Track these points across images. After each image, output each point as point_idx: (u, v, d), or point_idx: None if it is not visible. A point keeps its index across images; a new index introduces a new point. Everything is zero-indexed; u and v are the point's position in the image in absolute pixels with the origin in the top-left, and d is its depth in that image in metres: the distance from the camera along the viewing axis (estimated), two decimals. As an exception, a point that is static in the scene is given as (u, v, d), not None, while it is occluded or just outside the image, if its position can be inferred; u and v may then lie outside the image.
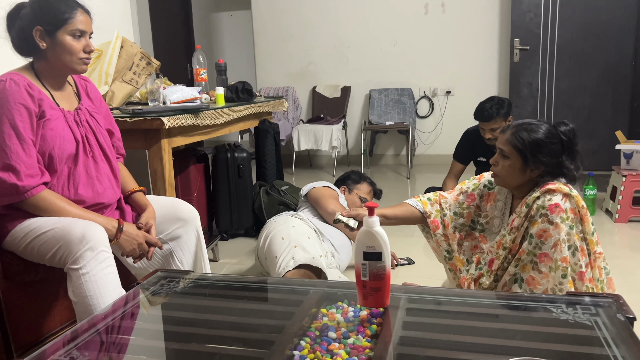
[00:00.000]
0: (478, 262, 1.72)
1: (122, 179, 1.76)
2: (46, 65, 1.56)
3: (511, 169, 1.57)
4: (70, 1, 1.54)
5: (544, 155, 1.53)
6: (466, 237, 1.79)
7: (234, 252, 2.96)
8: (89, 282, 1.38)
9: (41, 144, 1.50)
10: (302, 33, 5.61)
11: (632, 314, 1.05)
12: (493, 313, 1.22)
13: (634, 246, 2.88)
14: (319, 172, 5.41)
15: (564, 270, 1.47)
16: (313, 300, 1.25)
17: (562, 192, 1.49)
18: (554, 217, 1.46)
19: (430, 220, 1.80)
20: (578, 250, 1.49)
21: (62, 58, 1.53)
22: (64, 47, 1.51)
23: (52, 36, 1.50)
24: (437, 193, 1.86)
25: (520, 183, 1.60)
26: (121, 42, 2.46)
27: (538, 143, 1.53)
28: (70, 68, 1.55)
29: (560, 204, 1.47)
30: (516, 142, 1.55)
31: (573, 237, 1.48)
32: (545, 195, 1.50)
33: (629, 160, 3.25)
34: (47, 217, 1.48)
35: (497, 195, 1.74)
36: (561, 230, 1.46)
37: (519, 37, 4.73)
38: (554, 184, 1.52)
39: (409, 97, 5.30)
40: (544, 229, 1.48)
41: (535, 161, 1.54)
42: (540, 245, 1.49)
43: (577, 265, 1.49)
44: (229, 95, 2.90)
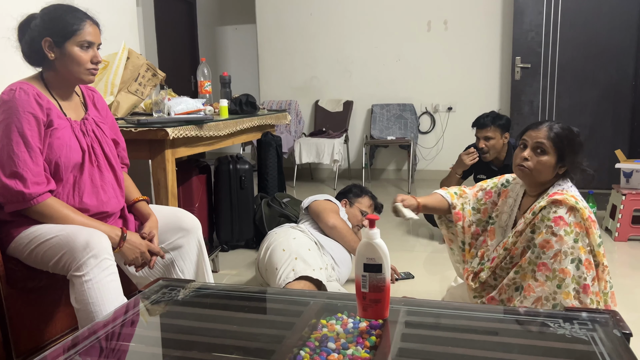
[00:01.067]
0: (482, 257, 1.79)
1: (126, 188, 1.78)
2: (55, 76, 1.58)
3: (547, 165, 1.62)
4: (79, 13, 1.57)
5: (575, 153, 1.61)
6: (482, 232, 1.88)
7: (235, 263, 2.96)
8: (92, 289, 1.39)
9: (48, 152, 1.52)
10: (306, 48, 5.68)
11: (628, 329, 1.06)
12: (491, 327, 1.23)
13: (633, 265, 2.89)
14: (320, 185, 5.43)
15: (560, 280, 1.50)
16: (313, 311, 1.27)
17: (568, 205, 1.52)
18: (557, 229, 1.51)
19: (455, 211, 1.89)
20: (582, 264, 1.51)
21: (70, 69, 1.55)
22: (72, 58, 1.54)
23: (61, 47, 1.53)
24: (461, 188, 1.96)
25: (547, 179, 1.65)
26: (127, 53, 2.49)
27: (572, 140, 1.61)
28: (78, 78, 1.58)
29: (564, 218, 1.51)
30: (557, 139, 1.60)
31: (578, 250, 1.51)
32: (552, 206, 1.54)
33: (629, 179, 3.27)
34: (52, 224, 1.50)
35: (510, 192, 1.82)
36: (564, 242, 1.50)
37: (521, 55, 4.78)
38: (562, 193, 1.55)
39: (410, 112, 5.34)
40: (547, 240, 1.52)
41: (569, 159, 1.60)
42: (541, 255, 1.53)
43: (581, 278, 1.51)
44: (233, 108, 2.93)
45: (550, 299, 1.52)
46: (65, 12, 1.55)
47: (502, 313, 1.30)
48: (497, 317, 1.27)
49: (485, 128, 2.96)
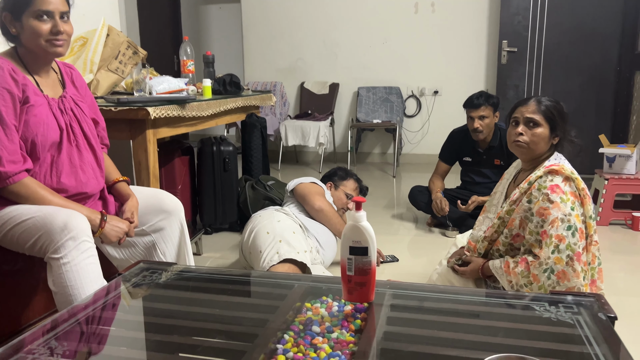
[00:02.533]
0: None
1: (105, 169, 1.73)
2: (25, 51, 1.52)
3: (542, 136, 1.68)
4: None
5: (565, 123, 1.68)
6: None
7: (218, 246, 2.94)
8: (70, 272, 1.35)
9: (24, 130, 1.47)
10: (292, 29, 5.59)
11: (613, 313, 1.06)
12: (477, 310, 1.22)
13: (614, 249, 2.92)
14: (305, 168, 5.40)
15: (555, 246, 1.54)
16: (297, 295, 1.25)
17: (564, 175, 1.57)
18: (554, 196, 1.55)
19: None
20: (578, 231, 1.54)
21: (32, 42, 1.48)
22: (30, 31, 1.47)
23: (19, 20, 1.47)
24: None
25: (543, 151, 1.70)
26: (107, 30, 2.42)
27: (560, 111, 1.68)
28: (44, 51, 1.50)
29: (560, 186, 1.56)
30: (546, 111, 1.67)
31: (574, 218, 1.54)
32: (548, 175, 1.59)
33: (612, 164, 3.30)
34: (29, 205, 1.45)
35: (505, 174, 1.89)
36: (560, 209, 1.54)
37: (507, 39, 4.76)
38: (558, 165, 1.60)
39: (396, 95, 5.31)
40: (544, 207, 1.56)
41: (561, 129, 1.67)
42: (542, 224, 1.57)
43: (576, 246, 1.54)
44: (216, 88, 2.88)
45: (544, 264, 1.55)
46: None
47: (488, 296, 1.30)
48: (483, 301, 1.27)
49: (479, 107, 2.96)
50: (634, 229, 3.17)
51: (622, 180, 3.24)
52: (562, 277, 1.54)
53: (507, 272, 1.62)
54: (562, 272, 1.54)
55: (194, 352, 1.02)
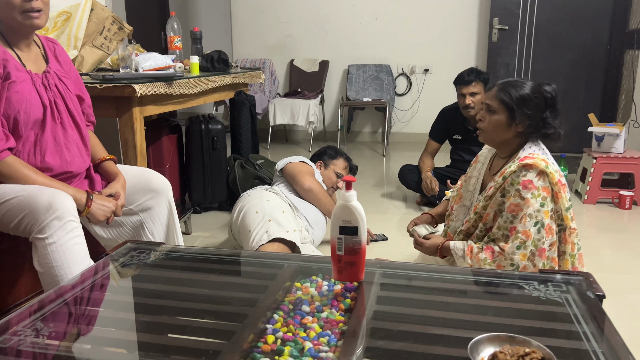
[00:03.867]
0: (449, 223, 1.82)
1: (92, 147, 1.70)
2: (3, 25, 1.47)
3: (498, 123, 1.61)
4: None
5: (529, 109, 1.57)
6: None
7: (207, 225, 2.92)
8: (56, 252, 1.33)
9: (6, 107, 1.42)
10: (281, 4, 5.49)
11: (601, 291, 1.07)
12: (466, 289, 1.23)
13: (600, 227, 2.96)
14: (295, 147, 5.37)
15: (522, 242, 1.53)
16: (287, 274, 1.24)
17: (538, 169, 1.53)
18: (525, 192, 1.51)
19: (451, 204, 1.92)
20: (544, 228, 1.53)
21: (7, 15, 1.43)
22: (4, 3, 1.41)
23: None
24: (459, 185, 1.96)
25: (506, 139, 1.63)
26: (91, 4, 2.35)
27: (524, 97, 1.57)
28: (20, 24, 1.45)
29: (533, 182, 1.52)
30: (503, 97, 1.59)
31: (542, 214, 1.52)
32: (522, 170, 1.54)
33: (600, 143, 3.31)
34: (12, 185, 1.42)
35: (480, 157, 1.83)
36: (530, 205, 1.51)
37: (499, 16, 4.73)
38: (533, 157, 1.55)
39: (387, 74, 5.27)
40: (516, 203, 1.53)
41: (521, 115, 1.57)
42: (512, 220, 1.55)
43: (540, 242, 1.53)
44: (204, 65, 2.82)
45: (508, 259, 1.54)
46: None
47: (478, 275, 1.30)
48: (472, 279, 1.27)
49: (470, 84, 2.95)
50: (621, 207, 3.21)
51: (610, 159, 3.26)
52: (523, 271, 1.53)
53: (470, 255, 1.60)
54: (523, 267, 1.54)
55: (183, 333, 1.02)
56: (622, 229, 2.93)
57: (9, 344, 0.93)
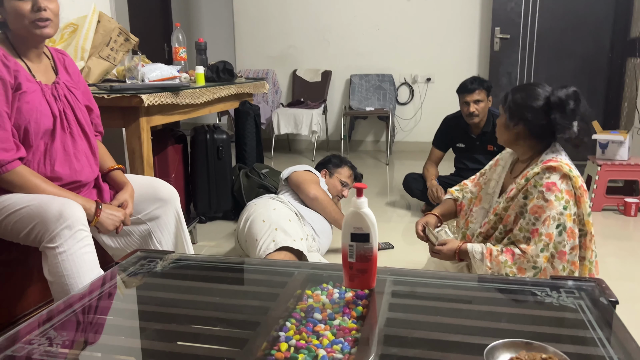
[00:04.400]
0: (467, 225, 1.82)
1: (100, 157, 1.70)
2: (14, 36, 1.49)
3: (499, 124, 1.69)
4: None
5: (522, 112, 1.60)
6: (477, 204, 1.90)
7: (212, 235, 2.92)
8: (66, 261, 1.33)
9: (17, 117, 1.43)
10: (283, 15, 5.53)
11: (614, 297, 1.06)
12: (478, 296, 1.22)
13: (606, 234, 2.95)
14: (298, 156, 5.38)
15: (545, 244, 1.53)
16: (298, 282, 1.24)
17: (562, 172, 1.53)
18: (549, 194, 1.52)
19: (458, 203, 1.95)
20: (566, 231, 1.53)
21: (17, 25, 1.45)
22: (14, 13, 1.43)
23: (2, 5, 1.44)
24: (461, 184, 1.99)
25: (508, 139, 1.68)
26: (98, 16, 2.37)
27: (518, 101, 1.62)
28: (30, 34, 1.46)
29: (557, 184, 1.52)
30: (504, 99, 1.67)
31: (564, 217, 1.52)
32: (545, 172, 1.54)
33: (604, 150, 3.31)
34: (23, 194, 1.43)
35: (500, 160, 1.85)
36: (553, 207, 1.51)
37: (500, 26, 4.75)
38: (556, 160, 1.55)
39: (389, 83, 5.29)
40: (539, 205, 1.53)
41: (516, 117, 1.62)
42: (534, 222, 1.54)
43: (560, 244, 1.53)
44: (210, 75, 2.84)
45: (532, 262, 1.53)
46: None
47: (490, 282, 1.30)
48: (485, 286, 1.27)
49: (474, 92, 2.97)
50: (626, 215, 3.20)
51: (615, 166, 3.26)
52: (542, 274, 1.54)
53: (489, 258, 1.60)
54: (543, 270, 1.54)
55: (194, 341, 1.01)
56: (628, 237, 2.92)
57: (23, 353, 0.93)
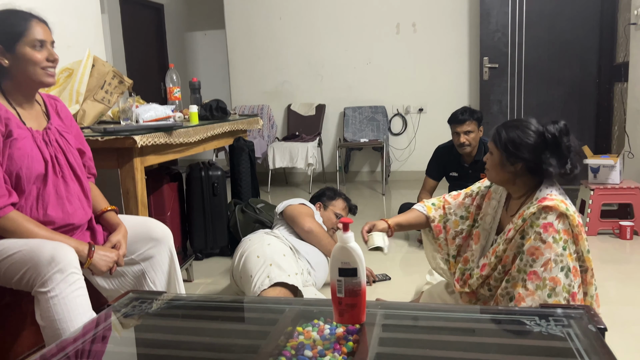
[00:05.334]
0: (466, 262, 1.76)
1: (93, 199, 1.72)
2: (12, 83, 1.53)
3: (493, 164, 1.64)
4: (22, 13, 1.52)
5: (520, 151, 1.56)
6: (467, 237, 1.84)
7: (209, 271, 2.91)
8: (58, 305, 1.34)
9: (8, 164, 1.46)
10: (276, 52, 5.65)
11: (602, 324, 1.07)
12: (468, 327, 1.22)
13: (603, 258, 2.95)
14: (295, 189, 5.41)
15: (551, 289, 1.47)
16: (288, 319, 1.24)
17: (559, 211, 1.49)
18: (546, 236, 1.47)
19: (434, 225, 1.87)
20: (571, 271, 1.48)
21: (27, 71, 1.50)
22: (27, 60, 1.49)
23: (12, 51, 1.48)
24: (441, 198, 1.92)
25: (505, 179, 1.64)
26: (93, 60, 2.43)
27: (514, 139, 1.58)
28: (37, 81, 1.53)
29: (554, 224, 1.48)
30: (497, 137, 1.62)
31: (566, 258, 1.48)
32: (542, 212, 1.50)
33: (596, 174, 3.34)
34: (15, 239, 1.44)
35: (493, 193, 1.79)
36: (552, 249, 1.47)
37: (488, 55, 4.85)
38: (552, 199, 1.51)
39: (382, 114, 5.37)
40: (536, 246, 1.49)
41: (513, 156, 1.58)
42: (532, 263, 1.50)
43: (570, 287, 1.48)
44: (203, 114, 2.89)
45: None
46: (7, 15, 1.50)
47: (479, 312, 1.30)
48: (474, 317, 1.27)
49: (464, 123, 3.01)
50: (622, 238, 3.20)
51: (608, 190, 3.28)
52: None
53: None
54: None
55: (185, 382, 1.01)
56: (625, 260, 2.92)
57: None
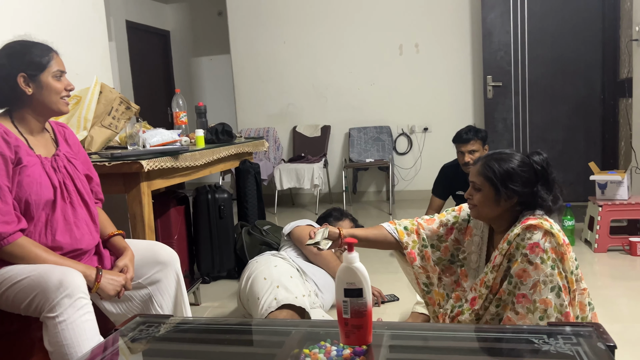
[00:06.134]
0: (458, 299, 1.66)
1: (100, 224, 1.74)
2: (28, 111, 1.57)
3: (485, 200, 1.54)
4: (43, 45, 1.60)
5: (516, 184, 1.49)
6: (444, 272, 1.73)
7: (216, 295, 2.91)
8: (66, 330, 1.34)
9: (17, 190, 1.48)
10: (281, 75, 5.72)
11: (612, 342, 1.06)
12: (476, 346, 1.22)
13: (614, 275, 2.91)
14: (301, 210, 5.41)
15: (542, 312, 1.42)
16: (295, 341, 1.24)
17: (543, 229, 1.44)
18: (533, 257, 1.42)
19: (408, 251, 1.72)
20: (562, 290, 1.43)
21: (48, 100, 1.57)
22: (50, 89, 1.57)
23: (36, 80, 1.55)
24: (414, 222, 1.77)
25: (497, 215, 1.56)
26: (100, 87, 2.48)
27: (509, 172, 1.50)
28: (55, 109, 1.60)
29: (540, 244, 1.43)
30: (487, 173, 1.52)
31: (556, 278, 1.43)
32: (526, 232, 1.45)
33: (604, 191, 3.33)
34: (24, 265, 1.45)
35: (474, 229, 1.68)
36: (541, 271, 1.42)
37: (492, 74, 4.88)
38: (536, 218, 1.47)
39: (387, 134, 5.39)
40: (524, 268, 1.43)
41: (508, 191, 1.50)
42: (520, 286, 1.44)
43: (562, 306, 1.43)
44: (209, 137, 2.92)
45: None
46: (30, 46, 1.57)
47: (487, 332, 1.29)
48: (482, 336, 1.26)
49: (469, 142, 3.02)
50: (632, 254, 3.17)
51: (616, 206, 3.26)
52: None
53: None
54: None
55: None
56: (636, 277, 2.88)
57: None
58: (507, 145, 4.94)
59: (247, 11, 5.74)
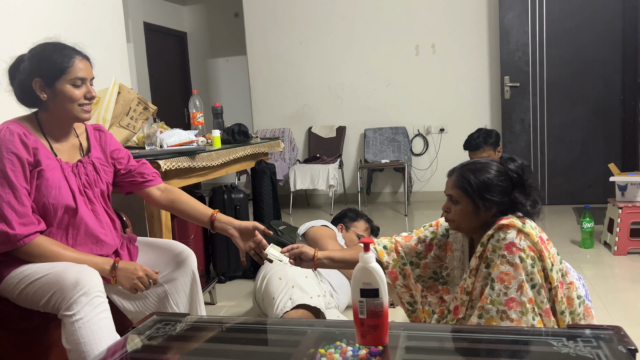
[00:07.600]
0: (442, 314, 1.61)
1: (194, 209, 1.82)
2: (49, 116, 1.56)
3: (463, 213, 1.50)
4: (67, 50, 1.54)
5: (494, 195, 1.46)
6: (428, 290, 1.67)
7: (232, 294, 2.92)
8: (83, 328, 1.35)
9: (36, 193, 1.49)
10: (297, 76, 5.73)
11: (633, 345, 1.04)
12: (494, 348, 1.20)
13: (634, 278, 2.86)
14: (316, 211, 5.41)
15: (532, 311, 1.38)
16: (311, 341, 1.24)
17: (516, 228, 1.40)
18: (512, 257, 1.38)
19: (389, 271, 1.67)
20: (542, 287, 1.40)
21: (64, 107, 1.53)
22: (64, 96, 1.51)
23: (52, 87, 1.50)
24: (392, 240, 1.73)
25: (476, 226, 1.51)
26: (118, 88, 2.51)
27: (486, 183, 1.47)
28: (73, 116, 1.55)
29: (515, 243, 1.38)
30: (464, 185, 1.48)
31: (536, 276, 1.39)
32: (499, 232, 1.41)
33: (624, 192, 3.27)
34: (42, 263, 1.47)
35: (453, 244, 1.63)
36: (522, 269, 1.38)
37: (509, 74, 4.83)
38: (507, 218, 1.43)
39: (403, 135, 5.37)
40: (505, 271, 1.38)
41: (486, 202, 1.46)
42: (505, 291, 1.39)
43: (542, 303, 1.40)
44: (225, 138, 2.94)
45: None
46: (52, 51, 1.52)
47: (505, 333, 1.27)
48: (500, 338, 1.24)
49: (479, 149, 2.98)
50: (654, 257, 3.11)
51: (637, 208, 3.20)
52: None
53: None
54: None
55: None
56: (658, 280, 2.83)
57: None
58: (525, 147, 4.88)
59: (263, 12, 5.76)
